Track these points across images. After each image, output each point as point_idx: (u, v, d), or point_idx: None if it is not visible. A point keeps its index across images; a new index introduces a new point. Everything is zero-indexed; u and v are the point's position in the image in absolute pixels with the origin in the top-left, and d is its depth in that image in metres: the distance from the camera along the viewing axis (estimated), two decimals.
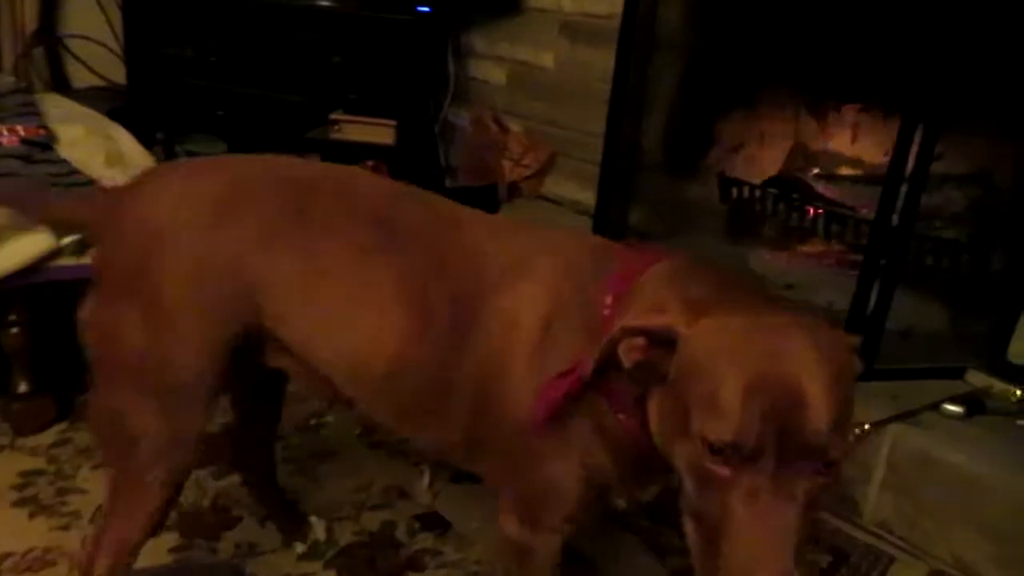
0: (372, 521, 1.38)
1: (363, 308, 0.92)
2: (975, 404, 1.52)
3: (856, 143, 2.06)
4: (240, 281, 0.90)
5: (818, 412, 0.66)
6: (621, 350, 0.74)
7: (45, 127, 1.61)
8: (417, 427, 0.98)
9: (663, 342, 0.73)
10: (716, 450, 0.67)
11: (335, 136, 2.35)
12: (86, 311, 0.97)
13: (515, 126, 2.47)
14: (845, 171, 2.06)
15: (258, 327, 0.93)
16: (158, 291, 0.90)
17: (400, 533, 1.37)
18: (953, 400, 1.52)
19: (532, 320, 0.86)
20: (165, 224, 0.90)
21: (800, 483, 0.67)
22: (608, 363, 0.76)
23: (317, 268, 0.91)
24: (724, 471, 0.68)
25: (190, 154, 2.49)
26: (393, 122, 2.34)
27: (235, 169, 0.97)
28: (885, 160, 1.62)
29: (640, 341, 0.74)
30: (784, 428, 0.66)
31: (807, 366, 0.68)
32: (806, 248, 2.05)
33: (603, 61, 2.11)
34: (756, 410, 0.66)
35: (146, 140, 1.76)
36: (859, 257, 1.67)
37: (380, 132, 2.34)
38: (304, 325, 0.93)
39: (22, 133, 1.57)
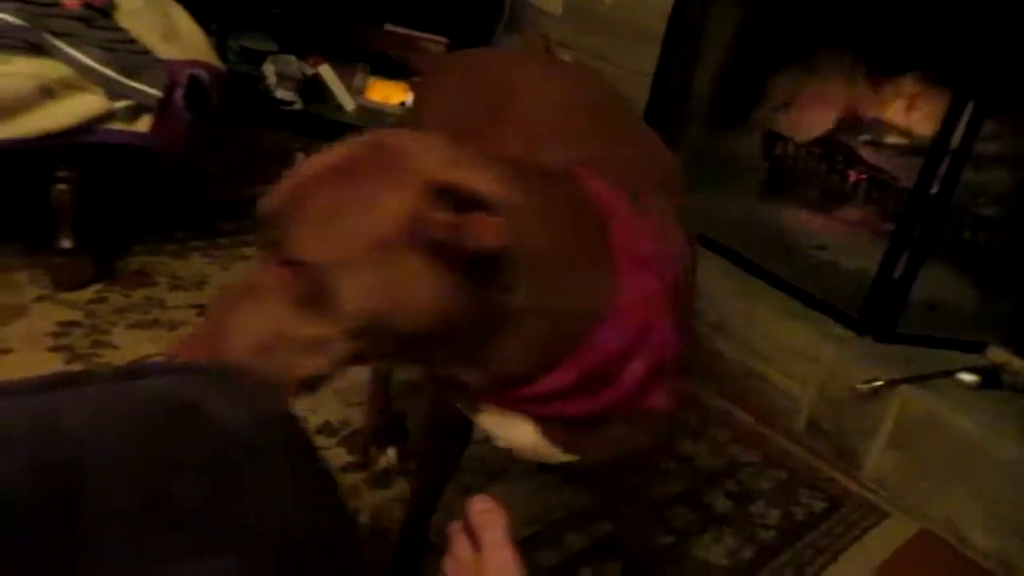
0: None
1: None
2: (991, 377, 1.52)
3: (910, 114, 2.02)
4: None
5: (279, 195, 0.64)
6: None
7: None
8: None
9: None
10: None
11: (384, 47, 2.35)
12: None
13: (566, 58, 2.44)
14: (894, 140, 2.03)
15: None
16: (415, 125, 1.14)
17: None
18: (969, 370, 1.52)
19: None
20: (434, 82, 1.18)
21: (265, 276, 0.65)
22: None
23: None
24: None
25: (243, 49, 2.50)
26: (444, 39, 2.34)
27: (497, 58, 1.25)
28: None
29: None
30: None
31: (337, 165, 0.66)
32: (844, 212, 2.04)
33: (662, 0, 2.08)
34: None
35: None
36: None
37: (431, 47, 2.34)
38: None
39: None
